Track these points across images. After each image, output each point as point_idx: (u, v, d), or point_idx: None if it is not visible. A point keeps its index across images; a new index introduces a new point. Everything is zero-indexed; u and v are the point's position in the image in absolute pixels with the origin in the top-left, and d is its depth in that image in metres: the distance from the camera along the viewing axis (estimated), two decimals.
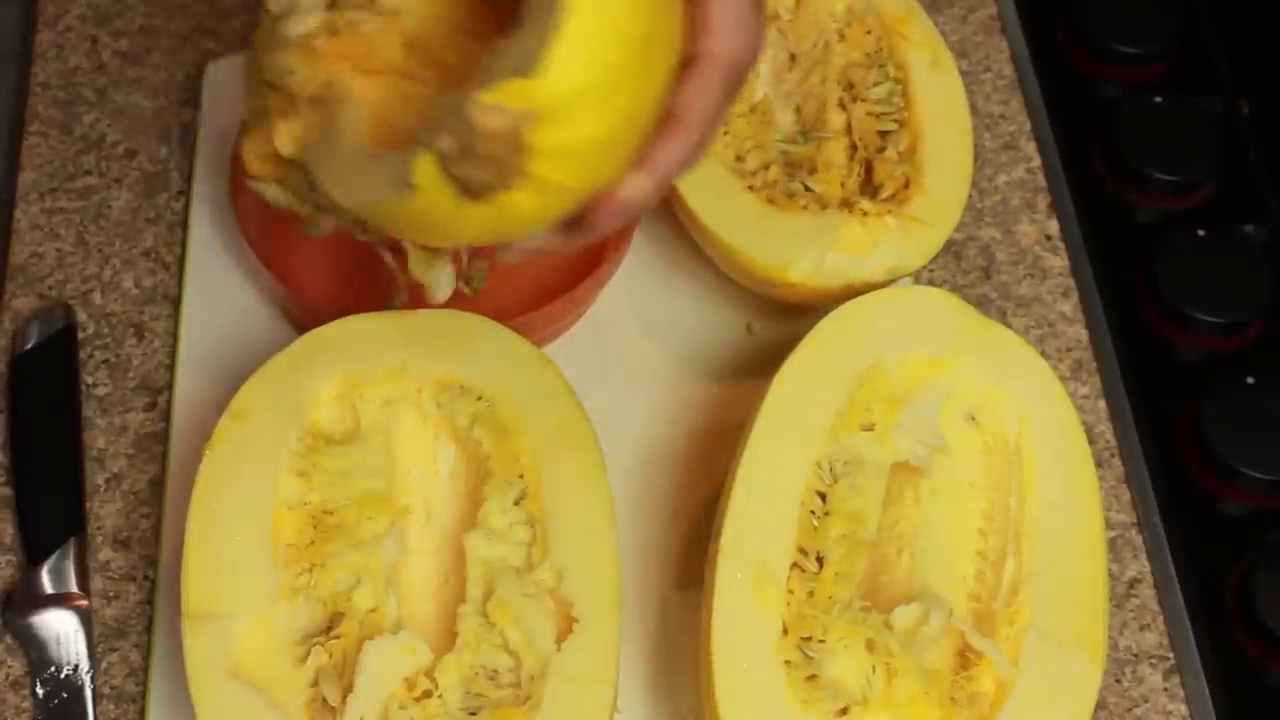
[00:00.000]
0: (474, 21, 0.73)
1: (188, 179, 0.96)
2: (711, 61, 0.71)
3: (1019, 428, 0.80)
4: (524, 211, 0.68)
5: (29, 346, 0.89)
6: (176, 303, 0.92)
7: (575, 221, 0.71)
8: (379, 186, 0.68)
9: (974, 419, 0.81)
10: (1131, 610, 0.85)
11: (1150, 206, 0.99)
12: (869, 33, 0.93)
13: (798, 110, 0.93)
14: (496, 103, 0.64)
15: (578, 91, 0.65)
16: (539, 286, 0.91)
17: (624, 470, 0.85)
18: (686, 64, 0.71)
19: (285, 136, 0.72)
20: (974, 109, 1.02)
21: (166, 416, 0.88)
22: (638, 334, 0.91)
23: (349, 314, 0.81)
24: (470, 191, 0.66)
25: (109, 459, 0.87)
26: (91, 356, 0.90)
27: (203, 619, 0.72)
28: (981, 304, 0.94)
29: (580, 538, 0.75)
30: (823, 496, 0.77)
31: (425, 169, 0.66)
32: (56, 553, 0.82)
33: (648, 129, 0.70)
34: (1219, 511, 0.88)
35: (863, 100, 0.91)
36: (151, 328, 0.91)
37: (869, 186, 0.89)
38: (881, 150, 0.90)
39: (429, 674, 0.72)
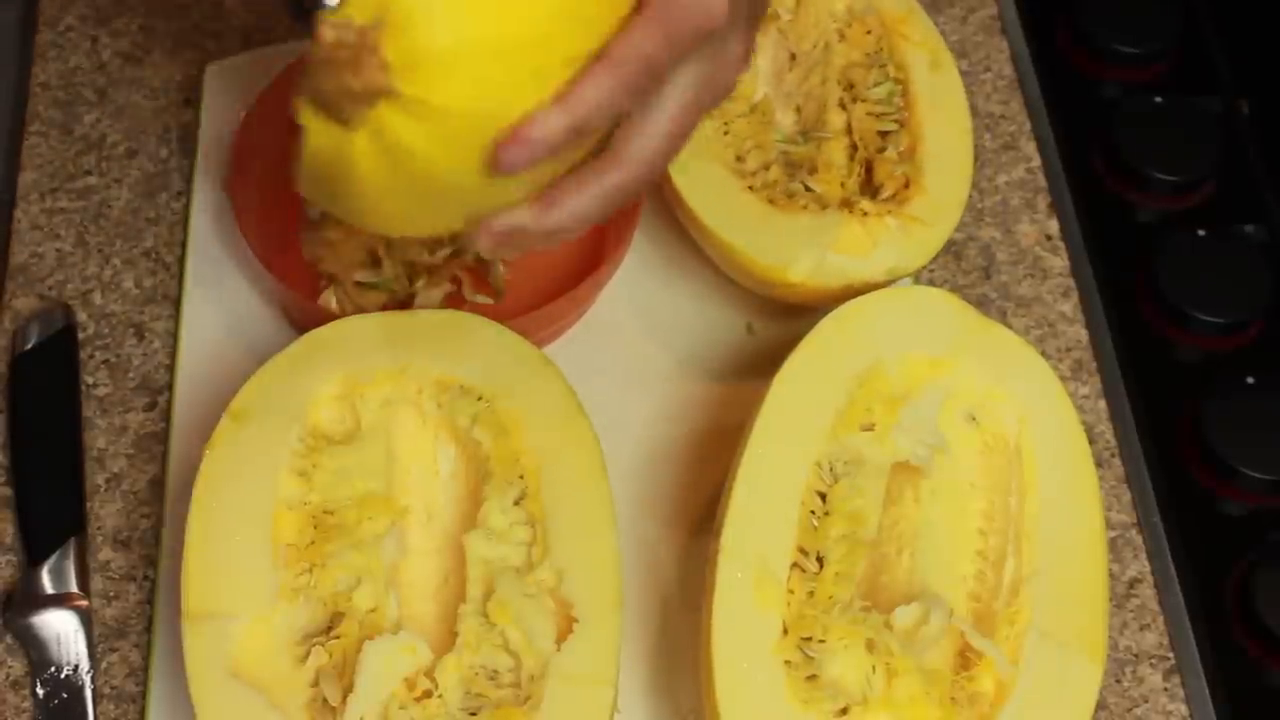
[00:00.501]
0: None
1: (188, 179, 0.96)
2: (662, 11, 0.65)
3: (1019, 428, 0.80)
4: (413, 142, 0.63)
5: (29, 346, 0.89)
6: (176, 303, 0.92)
7: (489, 158, 0.64)
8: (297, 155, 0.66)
9: (974, 419, 0.81)
10: (1131, 610, 0.85)
11: (1150, 206, 0.99)
12: (869, 33, 0.93)
13: (798, 110, 0.93)
14: (340, 17, 0.61)
15: (442, 24, 0.61)
16: (539, 286, 0.91)
17: (624, 470, 0.85)
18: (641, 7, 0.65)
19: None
20: (974, 109, 1.02)
21: (166, 416, 0.88)
22: (638, 334, 0.91)
23: (348, 315, 0.82)
24: (341, 116, 0.63)
25: (109, 459, 0.87)
26: (91, 356, 0.90)
27: (203, 619, 0.72)
28: (981, 304, 0.94)
29: (580, 538, 0.75)
30: (823, 496, 0.77)
31: (307, 111, 0.63)
32: (56, 553, 0.82)
33: (562, 60, 0.64)
34: (1219, 511, 0.88)
35: (863, 100, 0.91)
36: (151, 328, 0.91)
37: (869, 186, 0.89)
38: (881, 150, 0.90)
39: (429, 674, 0.72)
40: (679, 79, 0.68)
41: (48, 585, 0.82)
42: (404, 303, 0.89)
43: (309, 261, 0.89)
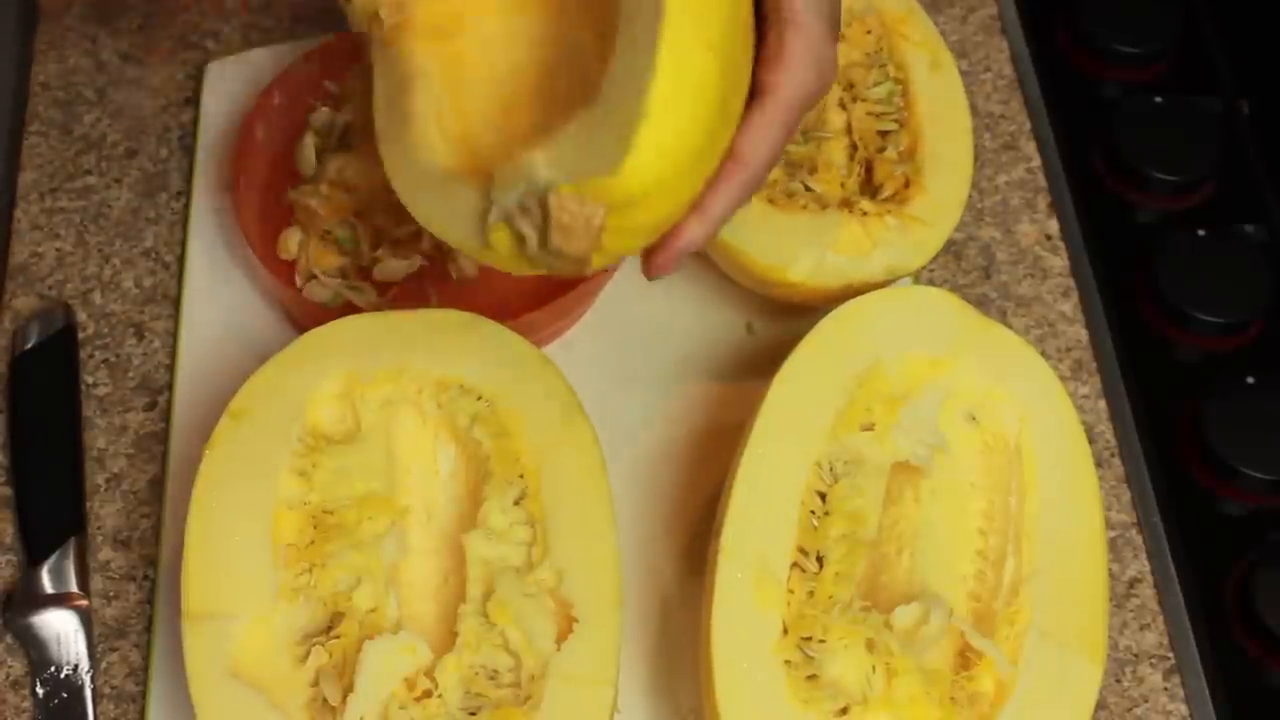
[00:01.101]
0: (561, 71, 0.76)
1: (188, 179, 0.96)
2: (778, 100, 0.72)
3: (1019, 428, 0.80)
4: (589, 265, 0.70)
5: (29, 346, 0.89)
6: (176, 303, 0.92)
7: (645, 265, 0.74)
8: (450, 224, 0.71)
9: (974, 419, 0.81)
10: (1131, 610, 0.85)
11: (1150, 206, 0.99)
12: (869, 33, 0.93)
13: None
14: (575, 195, 0.66)
15: (656, 184, 0.66)
16: (539, 286, 0.91)
17: (624, 470, 0.85)
18: (754, 94, 0.71)
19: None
20: (974, 109, 1.02)
21: (166, 416, 0.88)
22: (638, 334, 0.91)
23: (349, 314, 0.82)
24: (536, 267, 0.69)
25: (109, 459, 0.87)
26: (91, 356, 0.90)
27: (203, 619, 0.72)
28: (981, 304, 0.94)
29: (580, 538, 0.75)
30: (823, 496, 0.77)
31: (500, 236, 0.68)
32: (56, 553, 0.82)
33: (710, 176, 0.71)
34: (1219, 511, 0.88)
35: (863, 100, 0.91)
36: (151, 328, 0.91)
37: (869, 186, 0.89)
38: (881, 150, 0.90)
39: (429, 674, 0.72)
40: None
41: (48, 585, 0.82)
42: (364, 270, 0.89)
43: (287, 206, 0.90)
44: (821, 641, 0.73)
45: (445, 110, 0.75)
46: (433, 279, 0.90)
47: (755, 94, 0.71)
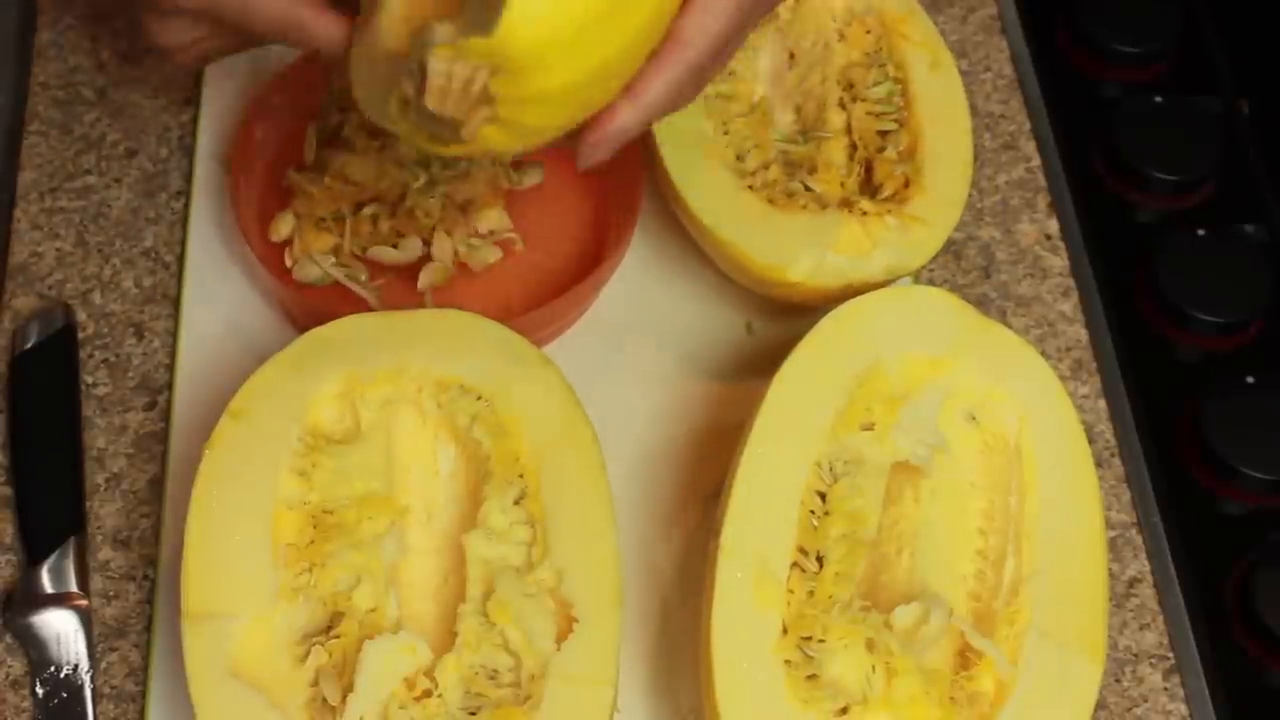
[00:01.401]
0: None
1: (188, 179, 0.96)
2: None
3: (1019, 427, 0.80)
4: (496, 143, 0.68)
5: (29, 346, 0.89)
6: (176, 303, 0.91)
7: (571, 152, 0.71)
8: (371, 98, 0.70)
9: (974, 419, 0.81)
10: (1131, 610, 0.85)
11: (1150, 206, 0.99)
12: (869, 32, 0.93)
13: (797, 110, 0.93)
14: (452, 57, 0.64)
15: (538, 46, 0.64)
16: (539, 286, 0.91)
17: (624, 470, 0.85)
18: None
19: None
20: (974, 109, 1.02)
21: (166, 416, 0.88)
22: (638, 334, 0.91)
23: (349, 314, 0.82)
24: (432, 139, 0.67)
25: (109, 459, 0.87)
26: (91, 356, 0.90)
27: (203, 619, 0.72)
28: (981, 304, 0.94)
29: (580, 538, 0.75)
30: (823, 496, 0.77)
31: (394, 107, 0.67)
32: (56, 552, 0.82)
33: (638, 59, 0.68)
34: (1219, 511, 0.88)
35: (863, 100, 0.91)
36: (151, 327, 0.91)
37: (869, 186, 0.89)
38: (881, 150, 0.90)
39: (429, 674, 0.72)
40: None
41: (47, 585, 0.82)
42: (357, 257, 0.89)
43: (287, 203, 0.90)
44: (821, 641, 0.73)
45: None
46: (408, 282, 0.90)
47: None
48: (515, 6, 0.63)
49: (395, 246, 0.89)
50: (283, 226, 0.89)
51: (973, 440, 0.81)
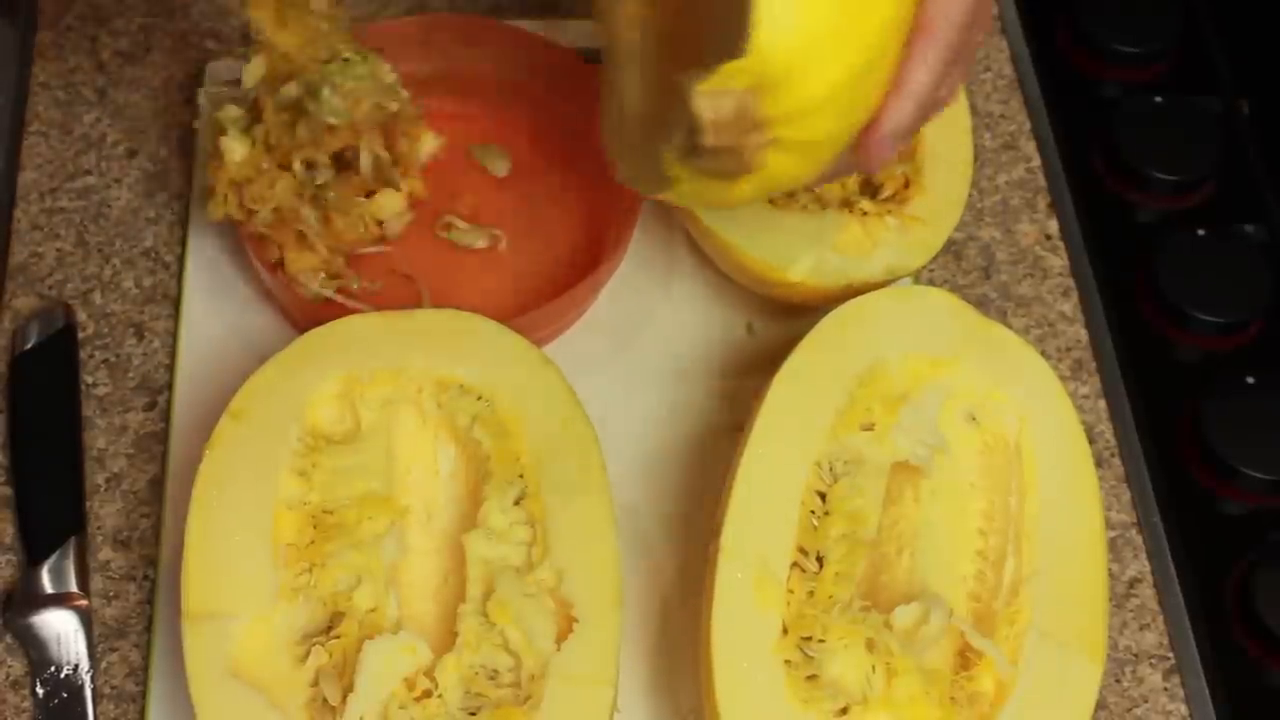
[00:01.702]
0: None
1: (188, 179, 0.96)
2: None
3: (1019, 428, 0.80)
4: (787, 171, 0.69)
5: (29, 346, 0.89)
6: (176, 303, 0.91)
7: (854, 150, 0.71)
8: (647, 177, 0.72)
9: (974, 419, 0.81)
10: (1131, 610, 0.85)
11: (1150, 206, 0.99)
12: None
13: None
14: (715, 89, 0.65)
15: (793, 54, 0.65)
16: (539, 286, 0.91)
17: (624, 470, 0.85)
18: None
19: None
20: (974, 109, 1.02)
21: (166, 416, 0.88)
22: (638, 334, 0.91)
23: (348, 314, 0.82)
24: (720, 176, 0.69)
25: (109, 459, 0.87)
26: (91, 356, 0.90)
27: (203, 619, 0.72)
28: (981, 304, 0.94)
29: (580, 538, 0.75)
30: (823, 496, 0.77)
31: (672, 164, 0.69)
32: (56, 553, 0.82)
33: (894, 52, 0.68)
34: (1219, 511, 0.88)
35: None
36: (151, 328, 0.91)
37: (869, 187, 0.89)
38: None
39: (429, 674, 0.72)
40: None
41: (47, 585, 0.82)
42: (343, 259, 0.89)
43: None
44: (821, 641, 0.73)
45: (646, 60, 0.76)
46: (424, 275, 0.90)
47: None
48: (763, 22, 0.64)
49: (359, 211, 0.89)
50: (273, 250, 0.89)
51: (973, 440, 0.81)
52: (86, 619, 0.81)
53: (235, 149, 0.85)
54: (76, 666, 0.80)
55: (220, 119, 0.86)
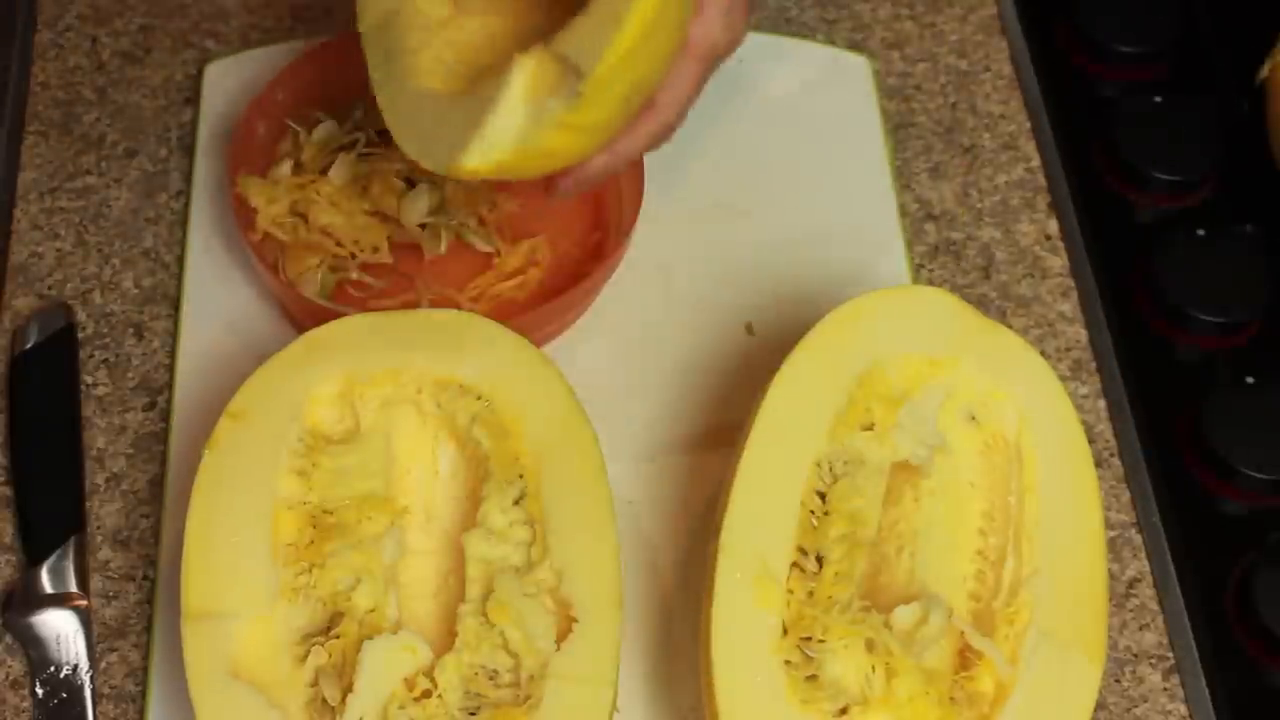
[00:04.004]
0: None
1: (188, 179, 0.96)
2: (695, 50, 0.77)
3: (1019, 427, 0.80)
4: (572, 150, 0.76)
5: (29, 346, 0.89)
6: (176, 303, 0.92)
7: (544, 182, 0.80)
8: (437, 152, 0.76)
9: (974, 419, 0.81)
10: (1131, 610, 0.85)
11: (1150, 206, 0.99)
12: None
13: None
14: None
15: (603, 83, 0.72)
16: (539, 286, 0.91)
17: (624, 470, 0.85)
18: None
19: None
20: (974, 109, 1.02)
21: (166, 416, 0.88)
22: (638, 334, 0.91)
23: (348, 314, 0.82)
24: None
25: (109, 459, 0.87)
26: (91, 356, 0.90)
27: (202, 619, 0.72)
28: (981, 304, 0.94)
29: (580, 538, 0.75)
30: (822, 496, 0.77)
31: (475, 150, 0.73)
32: (56, 552, 0.82)
33: (634, 113, 0.76)
34: (1219, 511, 0.88)
35: None
36: (151, 327, 0.91)
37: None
38: None
39: (428, 674, 0.72)
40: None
41: (47, 585, 0.82)
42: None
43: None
44: (821, 641, 0.73)
45: (439, 43, 0.81)
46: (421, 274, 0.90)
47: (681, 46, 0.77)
48: (610, 54, 0.71)
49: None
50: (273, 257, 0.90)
51: (973, 440, 0.81)
52: (86, 619, 0.81)
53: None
54: (76, 666, 0.80)
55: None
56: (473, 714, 0.72)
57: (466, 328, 0.80)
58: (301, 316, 0.88)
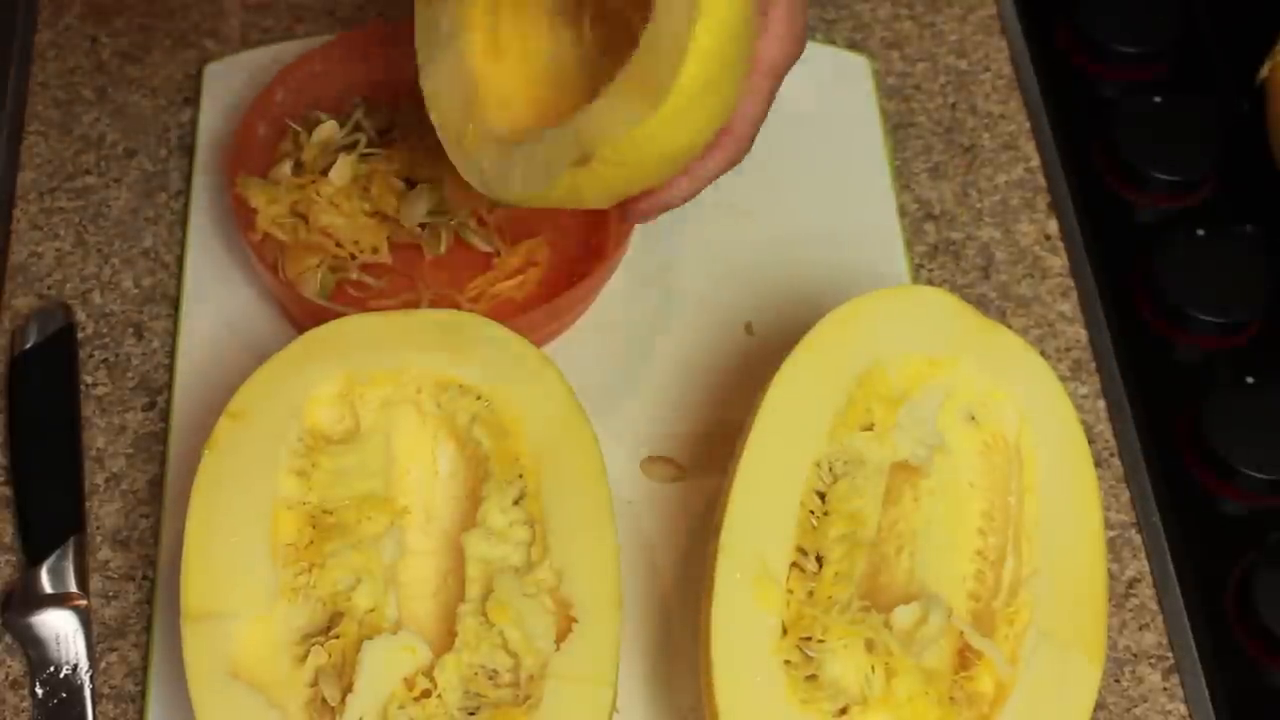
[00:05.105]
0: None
1: (188, 179, 0.96)
2: (765, 69, 0.76)
3: (1019, 427, 0.80)
4: (582, 191, 0.76)
5: (29, 346, 0.89)
6: (176, 303, 0.92)
7: (619, 206, 0.80)
8: (517, 180, 0.77)
9: (974, 419, 0.81)
10: (1131, 610, 0.85)
11: (1150, 206, 0.99)
12: None
13: None
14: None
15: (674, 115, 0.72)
16: (539, 286, 0.91)
17: (624, 470, 0.85)
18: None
19: None
20: (974, 109, 1.02)
21: (166, 416, 0.88)
22: (638, 334, 0.91)
23: (348, 314, 0.82)
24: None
25: (109, 459, 0.87)
26: (91, 356, 0.90)
27: (202, 619, 0.72)
28: (981, 304, 0.94)
29: (580, 538, 0.75)
30: (822, 496, 0.77)
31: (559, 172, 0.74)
32: (56, 552, 0.82)
33: (711, 137, 0.76)
34: (1219, 511, 0.88)
35: None
36: (151, 327, 0.91)
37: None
38: None
39: (428, 674, 0.72)
40: None
41: (47, 585, 0.82)
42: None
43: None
44: (821, 641, 0.73)
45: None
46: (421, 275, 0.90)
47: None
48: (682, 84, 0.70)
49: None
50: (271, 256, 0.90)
51: (972, 440, 0.81)
52: (86, 619, 0.81)
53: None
54: (76, 666, 0.80)
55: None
56: (472, 714, 0.72)
57: (466, 328, 0.80)
58: (301, 316, 0.88)
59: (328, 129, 0.91)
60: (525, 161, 0.77)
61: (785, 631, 0.73)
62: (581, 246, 0.93)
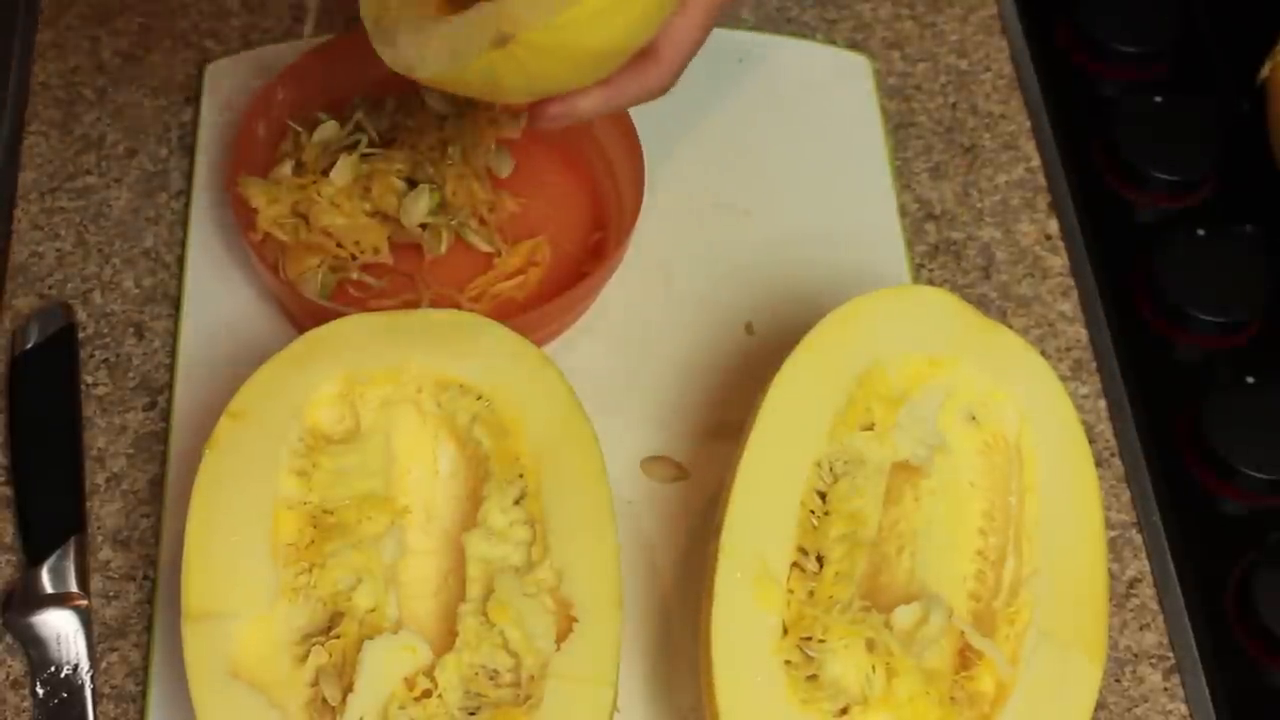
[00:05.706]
0: None
1: (188, 179, 0.96)
2: (698, 2, 0.76)
3: (1019, 427, 0.80)
4: (499, 78, 0.74)
5: (29, 346, 0.89)
6: (176, 302, 0.92)
7: (532, 108, 0.79)
8: (422, 57, 0.76)
9: (974, 418, 0.81)
10: (1131, 610, 0.85)
11: (1150, 206, 0.99)
12: None
13: None
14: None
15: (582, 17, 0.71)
16: (539, 286, 0.91)
17: (624, 470, 0.85)
18: None
19: None
20: (974, 109, 1.02)
21: (166, 416, 0.88)
22: (638, 334, 0.91)
23: (348, 314, 0.82)
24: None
25: (109, 459, 0.87)
26: (91, 356, 0.90)
27: (203, 619, 0.72)
28: (981, 304, 0.94)
29: (580, 538, 0.75)
30: (823, 496, 0.77)
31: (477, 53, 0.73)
32: (56, 552, 0.82)
33: (633, 52, 0.74)
34: (1219, 511, 0.88)
35: None
36: (151, 327, 0.91)
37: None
38: None
39: (429, 673, 0.72)
40: None
41: (47, 585, 0.82)
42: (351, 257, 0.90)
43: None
44: (821, 641, 0.73)
45: None
46: (422, 275, 0.90)
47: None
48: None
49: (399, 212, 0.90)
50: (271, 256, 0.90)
51: (973, 440, 0.81)
52: (86, 619, 0.81)
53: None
54: (76, 666, 0.80)
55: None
56: (473, 714, 0.72)
57: (466, 328, 0.80)
58: (301, 316, 0.88)
59: (328, 129, 0.91)
60: (444, 38, 0.75)
61: (786, 631, 0.73)
62: (581, 246, 0.93)
